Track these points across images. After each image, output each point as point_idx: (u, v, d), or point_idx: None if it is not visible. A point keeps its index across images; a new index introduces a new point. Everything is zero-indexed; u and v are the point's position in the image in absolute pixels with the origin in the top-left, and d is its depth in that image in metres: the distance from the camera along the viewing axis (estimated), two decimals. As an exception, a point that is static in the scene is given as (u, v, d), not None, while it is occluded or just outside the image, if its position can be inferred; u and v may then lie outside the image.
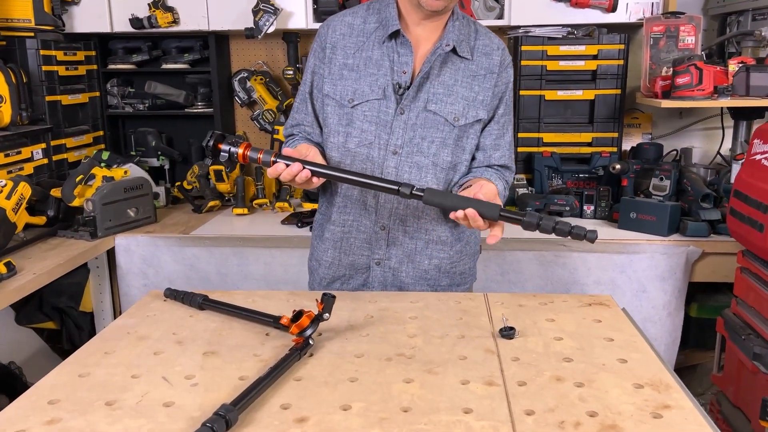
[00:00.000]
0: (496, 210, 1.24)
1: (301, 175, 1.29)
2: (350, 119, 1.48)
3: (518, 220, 1.24)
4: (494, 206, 1.24)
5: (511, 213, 1.25)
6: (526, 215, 1.23)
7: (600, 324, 1.30)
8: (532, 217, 1.23)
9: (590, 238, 1.23)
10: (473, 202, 1.25)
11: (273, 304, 1.43)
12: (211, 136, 1.33)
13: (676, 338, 2.24)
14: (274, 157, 1.31)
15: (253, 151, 1.33)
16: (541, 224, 1.22)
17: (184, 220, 2.56)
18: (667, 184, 2.33)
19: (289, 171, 1.28)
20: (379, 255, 1.54)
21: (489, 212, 1.24)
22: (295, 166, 1.28)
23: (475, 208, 1.24)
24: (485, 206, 1.25)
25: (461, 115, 1.47)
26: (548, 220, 1.22)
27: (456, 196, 1.29)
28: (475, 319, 1.33)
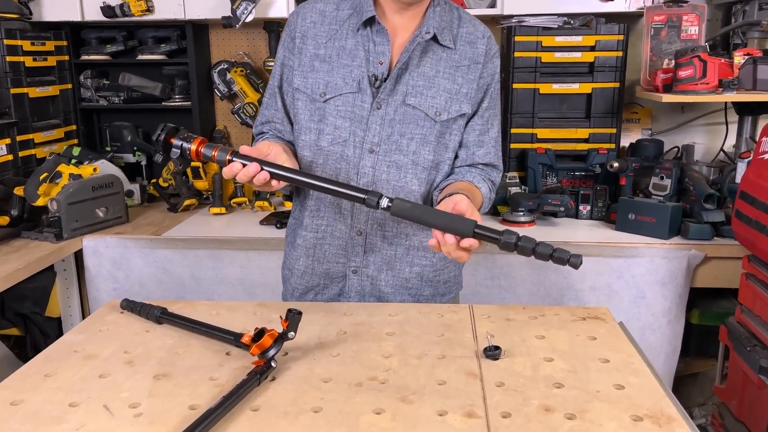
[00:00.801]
0: (470, 226, 1.11)
1: (259, 177, 1.17)
2: (322, 115, 1.37)
3: (495, 239, 1.11)
4: (468, 222, 1.12)
5: (487, 231, 1.12)
6: (504, 234, 1.11)
7: (595, 342, 1.20)
8: (509, 237, 1.10)
9: (573, 264, 1.11)
10: (444, 217, 1.14)
11: (239, 318, 1.32)
12: (162, 129, 1.21)
13: (677, 347, 2.13)
14: (230, 155, 1.19)
15: (207, 148, 1.21)
16: (520, 245, 1.10)
17: (158, 219, 2.45)
18: (667, 184, 2.22)
19: (245, 172, 1.17)
20: (356, 263, 1.43)
21: (462, 228, 1.12)
22: (251, 167, 1.17)
23: (446, 224, 1.12)
24: (458, 221, 1.13)
25: (443, 109, 1.36)
26: (527, 242, 1.10)
27: (425, 209, 1.17)
28: (458, 336, 1.23)
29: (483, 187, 1.38)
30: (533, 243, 1.10)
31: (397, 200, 1.15)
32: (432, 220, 1.13)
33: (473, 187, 1.35)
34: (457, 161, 1.43)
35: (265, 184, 1.18)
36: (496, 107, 1.43)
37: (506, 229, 1.11)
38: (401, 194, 1.38)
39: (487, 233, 1.12)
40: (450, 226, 1.12)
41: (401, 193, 1.38)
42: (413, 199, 1.40)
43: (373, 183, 1.37)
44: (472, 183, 1.36)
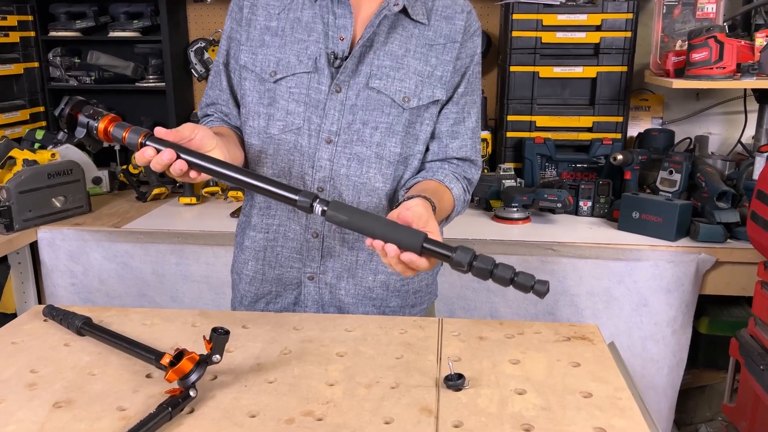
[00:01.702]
0: (418, 240, 0.95)
1: (175, 166, 1.01)
2: (273, 97, 1.21)
3: (446, 256, 0.95)
4: (417, 235, 0.96)
5: (438, 246, 0.96)
6: (457, 252, 0.95)
7: (578, 370, 1.03)
8: (463, 256, 0.94)
9: (538, 292, 0.95)
10: (388, 227, 0.97)
11: (173, 330, 1.18)
12: (67, 102, 1.05)
13: (682, 359, 1.97)
14: (143, 138, 1.03)
15: (118, 128, 1.05)
16: (475, 266, 0.94)
17: (123, 210, 2.30)
18: (677, 179, 2.04)
19: (158, 160, 1.01)
20: (312, 268, 1.27)
21: (408, 242, 0.95)
22: (165, 154, 1.00)
23: (389, 236, 0.96)
24: (404, 233, 0.96)
25: (413, 94, 1.19)
26: (484, 262, 0.94)
27: (367, 216, 1.00)
28: (419, 359, 1.07)
29: (455, 186, 1.22)
30: (490, 264, 0.94)
31: (335, 204, 0.99)
32: (374, 230, 0.97)
33: (442, 187, 1.19)
34: (428, 155, 1.27)
35: (183, 174, 1.02)
36: (475, 93, 1.26)
37: (460, 246, 0.95)
38: (363, 192, 1.23)
39: (438, 249, 0.96)
40: (394, 238, 0.96)
41: (363, 190, 1.22)
42: (377, 198, 1.24)
43: (330, 178, 1.21)
44: (441, 182, 1.20)
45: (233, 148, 1.18)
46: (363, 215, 0.99)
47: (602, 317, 1.92)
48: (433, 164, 1.26)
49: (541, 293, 0.95)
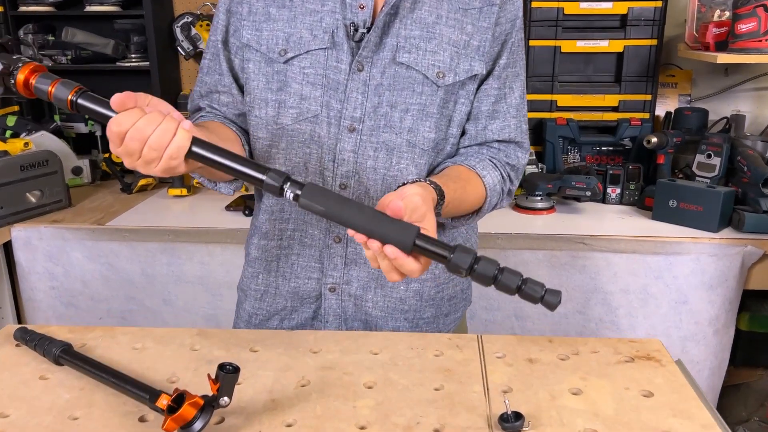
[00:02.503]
0: (409, 236, 0.79)
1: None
2: (283, 81, 1.04)
3: (441, 257, 0.79)
4: (407, 230, 0.80)
5: (433, 244, 0.80)
6: (456, 253, 0.79)
7: (652, 402, 0.89)
8: (463, 257, 0.79)
9: (548, 304, 0.80)
10: (375, 219, 0.80)
11: (169, 356, 1.02)
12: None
13: (723, 360, 1.84)
14: (74, 94, 0.83)
15: (43, 80, 0.84)
16: (476, 270, 0.79)
17: (107, 203, 2.13)
18: (716, 163, 1.90)
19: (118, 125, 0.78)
20: (334, 278, 1.12)
21: (397, 238, 0.79)
22: (128, 116, 0.78)
23: (375, 231, 0.79)
24: (392, 227, 0.80)
25: (448, 68, 1.03)
26: (487, 267, 0.78)
27: (348, 203, 0.83)
28: (462, 390, 0.92)
29: (490, 174, 1.06)
30: (494, 268, 0.79)
31: (311, 188, 0.81)
32: (356, 221, 0.80)
33: (471, 174, 1.04)
34: (465, 139, 1.11)
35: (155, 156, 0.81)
36: (518, 64, 1.10)
37: (460, 246, 0.79)
38: (393, 187, 1.06)
39: (432, 248, 0.80)
40: (380, 233, 0.80)
41: (394, 185, 1.06)
42: None
43: (355, 173, 1.05)
44: (472, 168, 1.04)
45: (218, 142, 0.98)
46: (344, 203, 0.82)
47: (638, 316, 1.78)
48: (470, 150, 1.10)
49: (552, 305, 0.80)
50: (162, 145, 0.78)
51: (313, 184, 0.83)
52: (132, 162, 0.81)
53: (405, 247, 0.79)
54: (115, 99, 0.79)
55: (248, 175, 0.83)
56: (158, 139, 0.78)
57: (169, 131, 0.78)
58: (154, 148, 0.79)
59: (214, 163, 0.83)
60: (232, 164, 0.83)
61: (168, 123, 0.79)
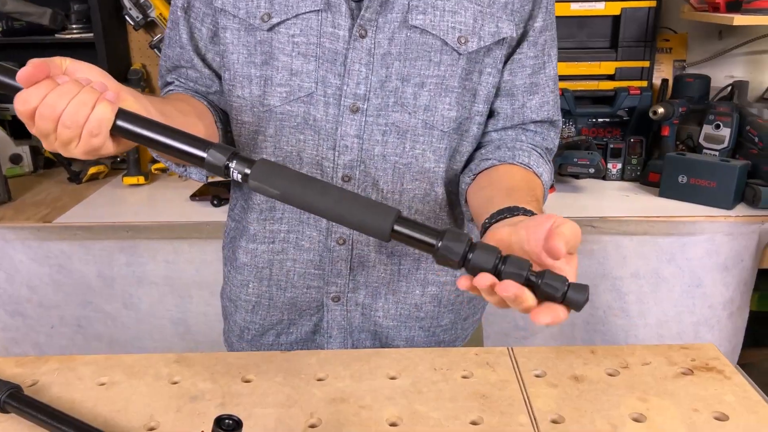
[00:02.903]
0: (386, 220, 0.64)
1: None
2: (269, 52, 0.87)
3: (427, 245, 0.64)
4: (384, 213, 0.65)
5: (415, 229, 0.65)
6: (444, 238, 0.63)
7: (729, 427, 0.77)
8: (454, 244, 0.63)
9: (574, 303, 0.62)
10: (342, 200, 0.66)
11: (144, 391, 0.86)
12: None
13: (737, 344, 1.76)
14: None
15: None
16: (472, 260, 0.63)
17: (54, 196, 1.91)
18: (726, 134, 1.79)
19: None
20: (339, 286, 0.97)
21: (372, 223, 0.65)
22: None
23: (344, 215, 0.65)
24: (363, 211, 0.65)
25: (471, 32, 0.87)
26: (485, 256, 0.63)
27: (312, 182, 0.67)
28: (506, 423, 0.78)
29: (545, 172, 0.92)
30: (494, 257, 0.63)
31: (262, 165, 0.66)
32: (321, 205, 0.66)
33: (533, 177, 0.89)
34: (497, 120, 0.95)
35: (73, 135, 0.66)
36: (554, 27, 0.95)
37: (449, 230, 0.64)
38: (407, 176, 0.92)
39: (414, 234, 0.65)
40: (352, 218, 0.65)
41: (407, 174, 0.91)
42: (427, 183, 0.93)
43: (360, 161, 0.90)
44: (528, 168, 0.89)
45: (176, 116, 0.81)
46: (305, 183, 0.66)
47: (649, 302, 1.69)
48: (505, 135, 0.94)
49: (578, 304, 0.62)
50: (78, 121, 0.64)
51: (266, 161, 0.67)
52: (50, 144, 0.67)
53: (382, 235, 0.65)
54: (22, 72, 0.63)
55: (186, 153, 0.67)
56: (73, 115, 0.64)
57: (86, 104, 0.64)
58: (68, 125, 0.64)
59: (145, 139, 0.68)
60: (166, 140, 0.68)
61: (85, 94, 0.64)
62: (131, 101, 0.69)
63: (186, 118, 0.84)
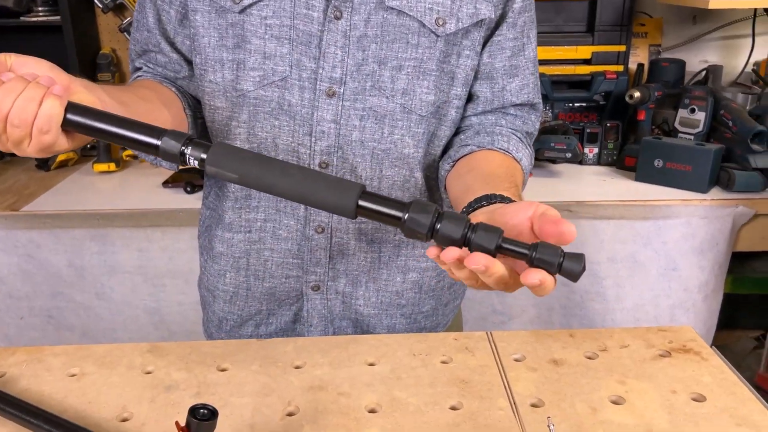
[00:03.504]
0: (350, 196, 0.63)
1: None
2: (240, 35, 0.85)
3: (393, 218, 0.63)
4: (347, 188, 0.63)
5: (380, 203, 0.63)
6: (411, 210, 0.62)
7: (708, 407, 0.77)
8: (420, 216, 0.62)
9: (570, 273, 0.62)
10: (304, 179, 0.64)
11: (116, 382, 0.84)
12: None
13: (711, 326, 1.79)
14: None
15: None
16: (440, 231, 0.61)
17: (21, 184, 1.87)
18: (700, 118, 1.81)
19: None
20: (318, 275, 0.95)
21: (335, 200, 0.63)
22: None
23: (306, 192, 0.63)
24: (325, 189, 0.63)
25: (449, 13, 0.86)
26: (454, 222, 0.61)
27: (271, 163, 0.65)
28: (485, 407, 0.78)
29: (524, 156, 0.91)
30: (463, 226, 0.61)
31: (218, 148, 0.65)
32: (280, 186, 0.64)
33: (512, 163, 0.88)
34: (476, 104, 0.94)
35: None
36: (533, 8, 0.94)
37: (416, 201, 0.63)
38: (386, 162, 0.90)
39: (380, 208, 0.63)
40: (316, 196, 0.64)
41: (386, 160, 0.90)
42: (407, 169, 0.92)
43: (337, 147, 0.88)
44: (507, 153, 0.88)
45: (138, 104, 0.79)
46: (263, 164, 0.65)
47: (625, 286, 1.70)
48: (485, 119, 0.93)
49: (574, 274, 0.62)
50: (26, 119, 0.62)
51: (223, 144, 0.66)
52: (2, 144, 0.65)
53: (347, 212, 0.63)
54: None
55: (140, 142, 0.66)
56: (20, 113, 0.62)
57: (33, 100, 0.62)
58: (17, 124, 0.63)
59: (97, 132, 0.66)
60: (119, 130, 0.66)
61: (31, 90, 0.62)
62: (83, 93, 0.67)
63: (149, 105, 0.82)
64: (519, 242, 0.61)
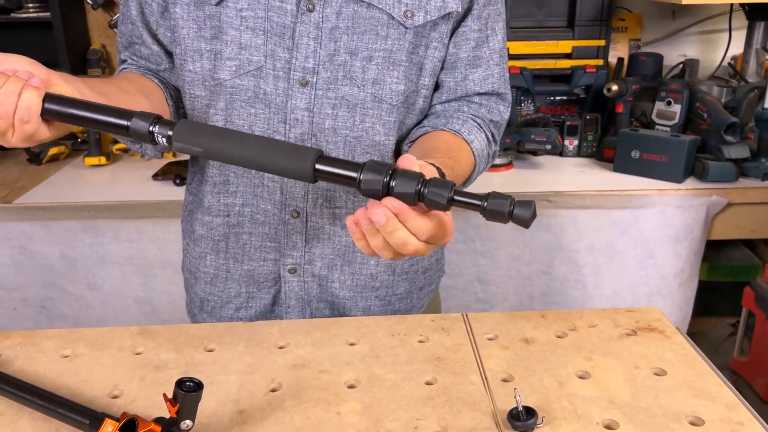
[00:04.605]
0: (306, 160, 0.66)
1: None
2: (217, 27, 0.88)
3: (348, 178, 0.66)
4: (304, 154, 0.66)
5: (336, 165, 0.66)
6: (365, 170, 0.65)
7: (668, 381, 0.82)
8: (374, 176, 0.64)
9: (521, 220, 0.63)
10: (262, 148, 0.68)
11: (108, 362, 0.87)
12: None
13: (687, 313, 1.84)
14: None
15: None
16: (395, 188, 0.65)
17: (13, 177, 1.89)
18: (677, 110, 1.85)
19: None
20: (294, 258, 0.99)
21: (294, 166, 0.67)
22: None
23: (264, 161, 0.67)
24: (283, 154, 0.67)
25: (417, 6, 0.90)
26: (405, 180, 0.64)
27: (230, 135, 0.69)
28: (459, 383, 0.82)
29: (477, 138, 0.95)
30: (414, 183, 0.63)
31: (183, 125, 0.69)
32: (240, 154, 0.68)
33: (458, 141, 0.92)
34: (441, 93, 0.98)
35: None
36: (499, 2, 0.97)
37: (369, 162, 0.66)
38: (358, 149, 0.94)
39: (336, 170, 0.66)
40: (274, 164, 0.67)
41: (358, 147, 0.94)
42: (378, 156, 0.96)
43: (311, 135, 0.92)
44: (458, 134, 0.93)
45: (118, 95, 0.84)
46: (224, 136, 0.69)
47: (603, 274, 1.75)
48: (448, 106, 0.97)
49: (525, 220, 0.63)
50: (7, 111, 0.68)
51: (187, 120, 0.71)
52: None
53: (306, 176, 0.66)
54: None
55: (111, 125, 0.71)
56: (1, 105, 0.68)
57: (12, 93, 0.68)
58: (0, 116, 0.68)
59: (74, 118, 0.72)
60: (92, 115, 0.71)
61: (11, 84, 0.68)
62: (62, 85, 0.72)
63: (129, 96, 0.86)
64: (471, 193, 0.64)
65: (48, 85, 0.71)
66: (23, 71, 0.70)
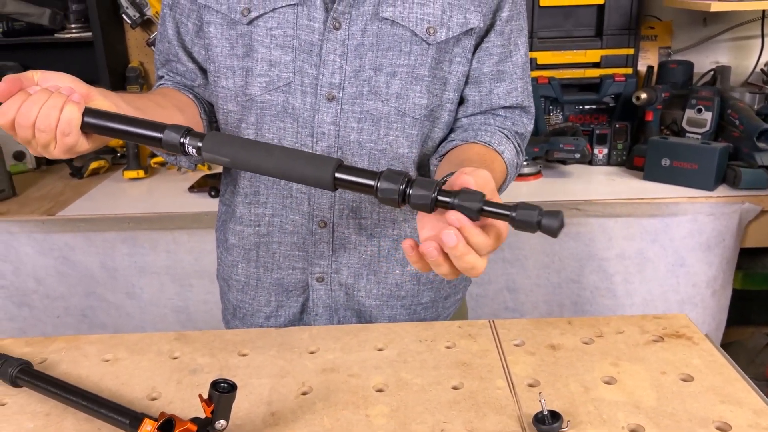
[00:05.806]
0: (327, 169, 0.68)
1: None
2: (249, 45, 0.92)
3: (367, 186, 0.68)
4: (325, 163, 0.68)
5: (356, 174, 0.68)
6: (382, 178, 0.66)
7: (694, 386, 0.82)
8: (390, 184, 0.66)
9: (549, 229, 0.62)
10: (286, 156, 0.70)
11: (146, 366, 0.91)
12: None
13: (721, 321, 1.81)
14: None
15: None
16: (412, 196, 0.66)
17: (57, 191, 1.96)
18: (707, 118, 1.83)
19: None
20: (322, 267, 1.01)
21: (314, 174, 0.69)
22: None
23: (287, 168, 0.69)
24: (305, 164, 0.69)
25: (440, 23, 0.92)
26: (423, 186, 0.65)
27: (257, 146, 0.72)
28: (485, 387, 0.83)
29: (507, 149, 0.96)
30: (431, 189, 0.65)
31: (212, 137, 0.72)
32: (266, 165, 0.71)
33: (491, 153, 0.94)
34: (467, 107, 1.00)
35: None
36: (521, 16, 0.99)
37: (386, 170, 0.67)
38: (383, 161, 0.96)
39: (355, 178, 0.68)
40: (296, 172, 0.70)
41: (383, 159, 0.96)
42: (401, 168, 0.97)
43: (337, 148, 0.94)
44: (489, 145, 0.94)
45: (154, 109, 0.88)
46: (251, 147, 0.72)
47: (634, 282, 1.73)
48: (474, 120, 0.99)
49: (553, 230, 0.62)
50: (50, 124, 0.72)
51: (216, 132, 0.74)
52: (33, 149, 0.76)
53: (326, 184, 0.68)
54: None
55: (146, 137, 0.75)
56: (45, 119, 0.72)
57: (55, 107, 0.72)
58: (43, 129, 0.72)
59: (111, 131, 0.76)
60: (128, 128, 0.75)
61: (54, 99, 0.72)
62: (101, 100, 0.76)
63: (164, 110, 0.90)
64: (501, 204, 0.64)
65: (88, 100, 0.75)
66: (65, 87, 0.75)
